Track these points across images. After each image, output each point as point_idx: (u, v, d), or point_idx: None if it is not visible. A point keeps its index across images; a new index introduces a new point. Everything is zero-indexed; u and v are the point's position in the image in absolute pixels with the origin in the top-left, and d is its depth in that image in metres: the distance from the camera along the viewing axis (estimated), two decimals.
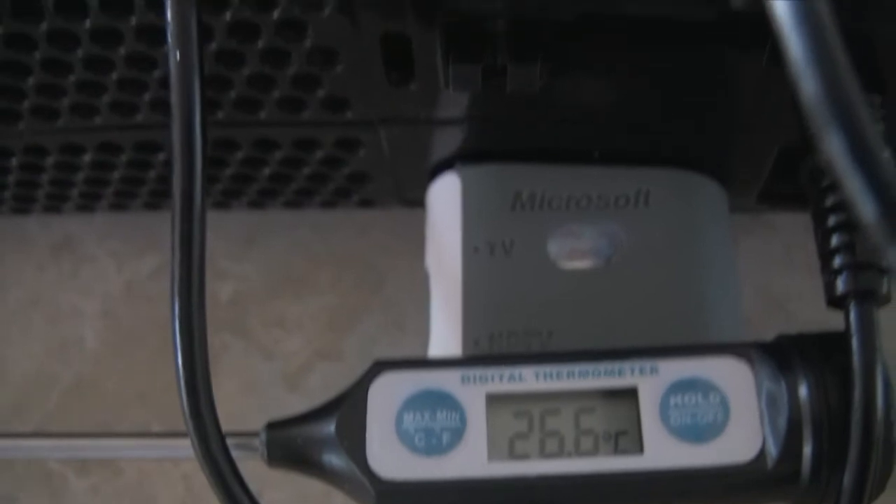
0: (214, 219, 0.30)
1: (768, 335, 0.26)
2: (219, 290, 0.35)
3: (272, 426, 0.25)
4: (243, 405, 0.33)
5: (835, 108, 0.15)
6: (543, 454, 0.24)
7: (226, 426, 0.23)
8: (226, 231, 0.35)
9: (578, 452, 0.24)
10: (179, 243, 0.23)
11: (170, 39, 0.22)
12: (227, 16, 0.24)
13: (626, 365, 0.25)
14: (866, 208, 0.16)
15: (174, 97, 0.22)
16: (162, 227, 0.35)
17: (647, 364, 0.25)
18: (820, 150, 0.16)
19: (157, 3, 0.24)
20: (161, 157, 0.30)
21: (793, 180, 0.26)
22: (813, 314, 0.25)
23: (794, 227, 0.33)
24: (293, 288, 0.35)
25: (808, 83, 0.16)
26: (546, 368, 0.25)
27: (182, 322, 0.23)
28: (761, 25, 0.17)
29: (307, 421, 0.25)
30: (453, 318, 0.27)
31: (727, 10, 0.22)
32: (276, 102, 0.27)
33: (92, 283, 0.37)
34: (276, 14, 0.24)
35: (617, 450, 0.24)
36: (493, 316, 0.27)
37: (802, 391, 0.24)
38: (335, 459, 0.24)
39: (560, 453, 0.24)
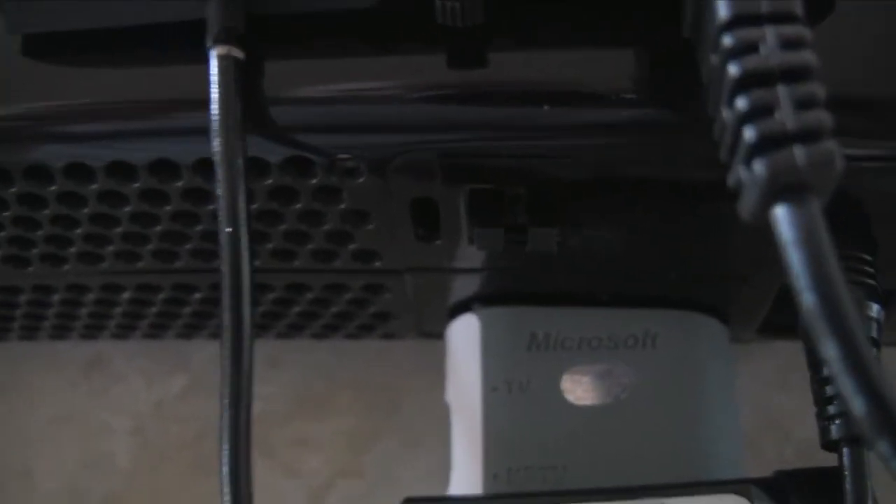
0: None
1: (765, 450, 0.27)
2: None
3: None
4: None
5: (830, 322, 0.18)
6: None
7: None
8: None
9: None
10: (230, 391, 0.24)
11: (220, 214, 0.24)
12: (269, 182, 0.26)
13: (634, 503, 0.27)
14: (856, 406, 0.18)
15: (224, 268, 0.24)
16: (189, 347, 0.38)
17: (655, 502, 0.27)
18: (818, 352, 0.18)
19: (204, 171, 0.26)
20: (197, 296, 0.32)
21: (791, 315, 0.28)
22: (805, 431, 0.27)
23: (791, 349, 0.35)
24: (314, 408, 0.37)
25: (807, 297, 0.18)
26: None
27: (231, 458, 0.24)
28: None
29: None
30: (474, 453, 0.29)
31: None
32: (310, 253, 0.29)
33: (122, 401, 0.38)
34: (313, 181, 0.26)
35: None
36: (511, 451, 0.29)
37: None
38: None
39: None
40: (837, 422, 0.26)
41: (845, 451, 0.26)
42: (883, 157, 0.25)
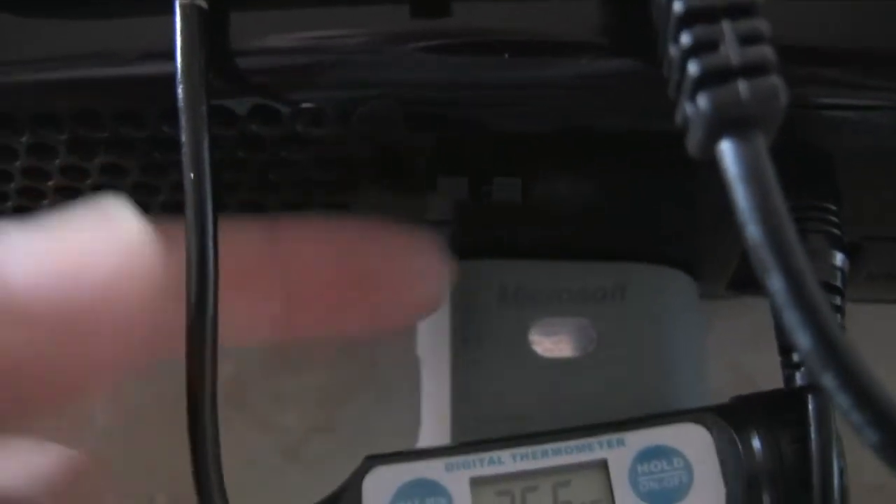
0: None
1: None
2: (221, 368, 0.37)
3: None
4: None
5: (774, 254, 0.18)
6: None
7: None
8: None
9: None
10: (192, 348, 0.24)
11: (183, 161, 0.24)
12: (234, 131, 0.26)
13: (595, 440, 0.27)
14: (802, 341, 0.18)
15: (189, 214, 0.24)
16: None
17: (615, 437, 0.27)
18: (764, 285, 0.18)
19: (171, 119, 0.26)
20: None
21: None
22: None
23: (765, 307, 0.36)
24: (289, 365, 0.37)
25: (751, 230, 0.18)
26: (523, 450, 0.27)
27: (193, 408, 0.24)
28: None
29: None
30: (443, 405, 0.29)
31: None
32: (279, 204, 0.29)
33: None
34: (278, 129, 0.26)
35: None
36: (479, 403, 0.29)
37: (757, 448, 0.26)
38: None
39: None
40: (801, 369, 0.26)
41: (810, 398, 0.26)
42: (847, 105, 0.25)
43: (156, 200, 0.29)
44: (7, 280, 0.21)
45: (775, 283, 0.18)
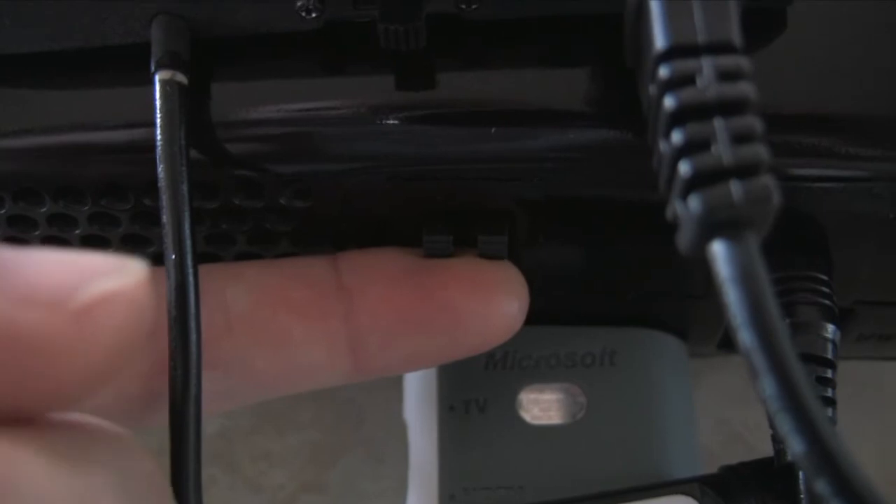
0: None
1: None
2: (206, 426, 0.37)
3: None
4: None
5: (766, 362, 0.17)
6: None
7: None
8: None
9: None
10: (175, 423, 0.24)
11: (164, 240, 0.24)
12: (217, 204, 0.26)
13: None
14: (796, 446, 0.18)
15: (170, 295, 0.24)
16: None
17: None
18: (756, 389, 0.18)
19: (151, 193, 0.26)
20: None
21: None
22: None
23: None
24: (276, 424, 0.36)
25: (743, 334, 0.18)
26: None
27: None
28: None
29: None
30: (430, 473, 0.29)
31: None
32: None
33: None
34: (262, 203, 0.26)
35: None
36: (468, 471, 0.29)
37: None
38: None
39: None
40: None
41: (801, 474, 0.25)
42: (837, 177, 0.25)
43: None
44: None
45: (768, 388, 0.17)
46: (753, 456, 0.34)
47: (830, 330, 0.26)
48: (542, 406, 0.29)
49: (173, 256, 0.24)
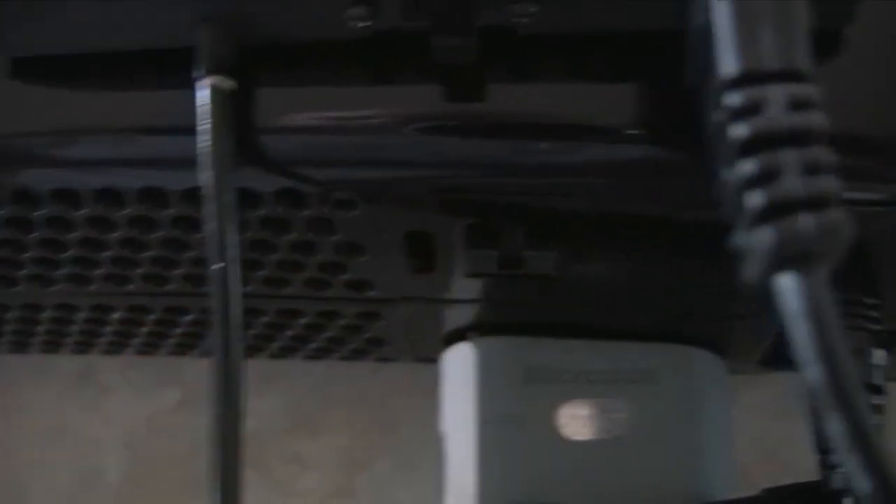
0: None
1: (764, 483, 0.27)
2: None
3: None
4: None
5: (836, 399, 0.17)
6: None
7: None
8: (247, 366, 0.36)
9: None
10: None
11: (209, 249, 0.23)
12: (261, 213, 0.26)
13: None
14: (861, 483, 0.17)
15: (214, 303, 0.23)
16: (181, 361, 0.37)
17: None
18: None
19: (192, 198, 0.25)
20: (188, 318, 0.31)
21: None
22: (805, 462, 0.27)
23: (789, 379, 0.35)
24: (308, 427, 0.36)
25: (812, 370, 0.17)
26: None
27: (224, 466, 0.24)
28: None
29: None
30: (467, 487, 0.28)
31: None
32: (303, 281, 0.28)
33: (113, 414, 0.38)
34: (306, 212, 0.26)
35: None
36: (505, 486, 0.28)
37: None
38: None
39: None
40: (840, 471, 0.25)
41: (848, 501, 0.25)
42: (886, 200, 0.25)
43: (174, 273, 0.29)
44: None
45: (835, 425, 0.17)
46: (789, 474, 0.34)
47: (881, 356, 0.25)
48: (581, 421, 0.29)
49: (218, 266, 0.23)
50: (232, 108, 0.24)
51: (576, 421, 0.29)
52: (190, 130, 0.24)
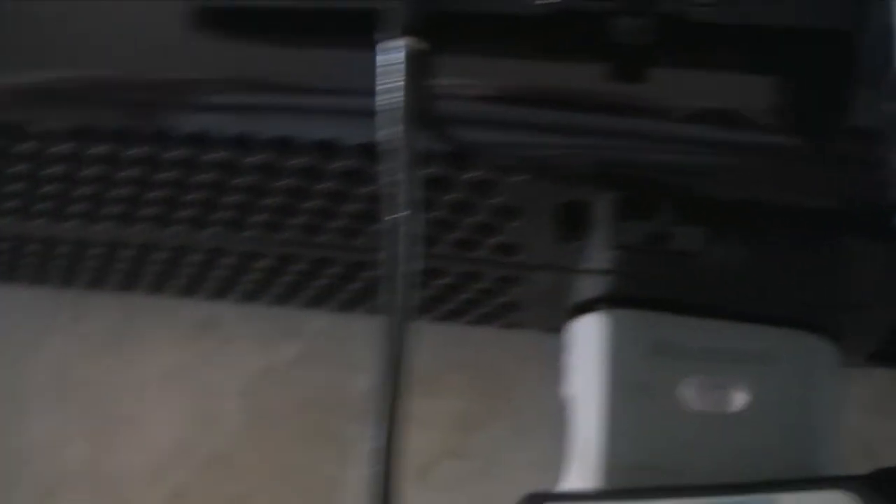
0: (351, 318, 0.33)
1: None
2: (354, 383, 0.38)
3: None
4: None
5: None
6: None
7: None
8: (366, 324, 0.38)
9: None
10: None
11: (387, 201, 0.25)
12: (428, 171, 0.27)
13: (750, 499, 0.28)
14: None
15: (387, 252, 0.25)
16: (301, 315, 0.39)
17: (766, 497, 0.28)
18: None
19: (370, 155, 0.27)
20: (334, 270, 0.33)
21: None
22: None
23: (888, 375, 0.36)
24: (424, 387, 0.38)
25: None
26: (682, 502, 0.28)
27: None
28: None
29: None
30: (593, 451, 0.30)
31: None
32: (454, 242, 0.30)
33: (233, 363, 0.40)
34: (471, 174, 0.27)
35: None
36: (629, 449, 0.30)
37: None
38: None
39: None
40: None
41: None
42: None
43: (333, 225, 0.30)
44: None
45: None
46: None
47: None
48: (703, 395, 0.31)
49: (400, 214, 0.25)
50: (422, 69, 0.25)
51: (698, 394, 0.31)
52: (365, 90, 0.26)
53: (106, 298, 0.40)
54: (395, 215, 0.25)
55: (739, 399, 0.30)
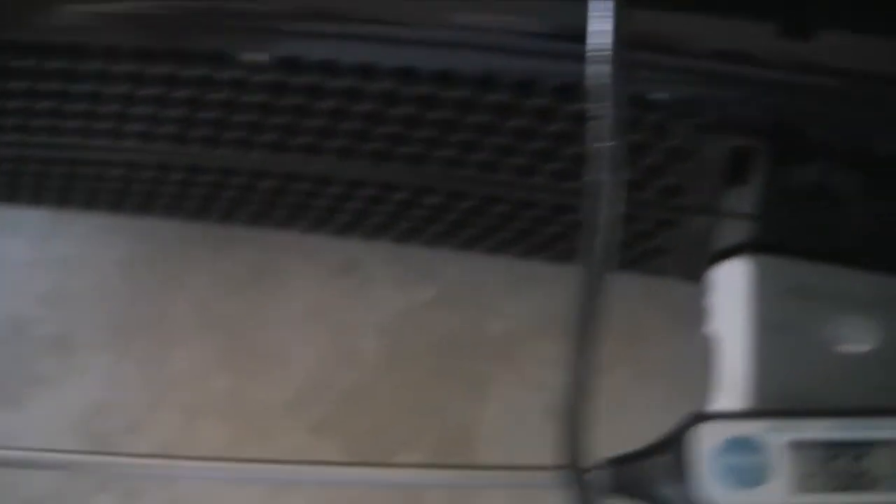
0: (486, 261, 0.35)
1: None
2: (489, 325, 0.41)
3: (611, 462, 0.31)
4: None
5: None
6: (832, 489, 0.30)
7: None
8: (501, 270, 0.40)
9: (861, 488, 0.29)
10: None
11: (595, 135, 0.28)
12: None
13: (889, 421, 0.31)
14: None
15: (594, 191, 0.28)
16: (438, 259, 0.41)
17: None
18: None
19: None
20: (466, 204, 0.36)
21: None
22: None
23: None
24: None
25: None
26: (832, 422, 0.30)
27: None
28: None
29: (642, 458, 0.31)
30: (741, 383, 0.33)
31: None
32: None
33: (373, 302, 0.42)
34: (651, 116, 0.30)
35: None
36: (774, 384, 0.33)
37: None
38: (668, 491, 0.30)
39: (845, 489, 0.30)
40: None
41: None
42: None
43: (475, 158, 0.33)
44: None
45: None
46: None
47: None
48: (839, 335, 0.33)
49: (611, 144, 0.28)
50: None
51: (834, 334, 0.33)
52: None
53: (247, 237, 0.42)
54: (601, 144, 0.27)
55: (871, 340, 0.33)
